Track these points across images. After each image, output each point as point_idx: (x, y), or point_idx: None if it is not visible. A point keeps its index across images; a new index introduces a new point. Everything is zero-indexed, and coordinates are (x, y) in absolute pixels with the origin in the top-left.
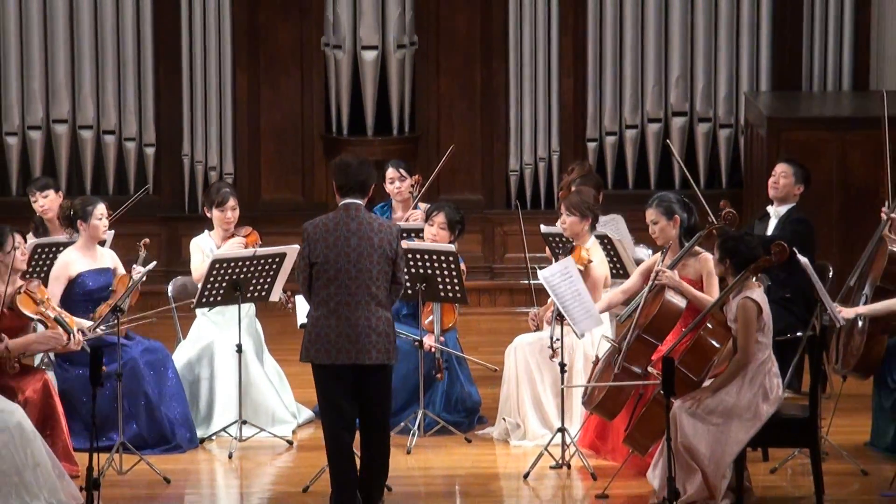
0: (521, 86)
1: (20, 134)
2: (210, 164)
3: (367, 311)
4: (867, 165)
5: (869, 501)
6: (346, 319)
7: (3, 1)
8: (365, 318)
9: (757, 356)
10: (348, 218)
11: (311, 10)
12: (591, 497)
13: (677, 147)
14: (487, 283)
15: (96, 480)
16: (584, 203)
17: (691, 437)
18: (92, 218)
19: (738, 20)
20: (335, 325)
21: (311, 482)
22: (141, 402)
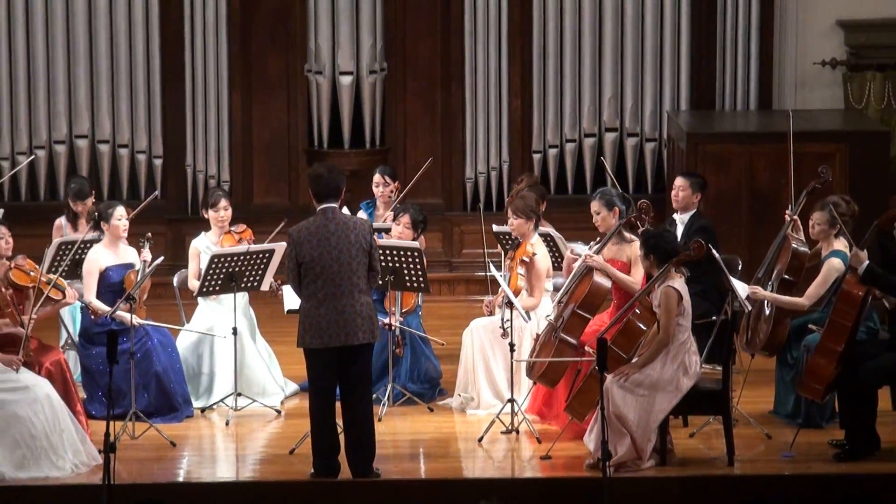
0: (475, 105)
1: (47, 147)
2: (209, 173)
3: (352, 298)
4: (770, 173)
5: (772, 461)
6: (333, 308)
7: (32, 32)
8: (350, 305)
9: (678, 337)
10: (327, 221)
11: (295, 41)
12: (537, 458)
13: (609, 158)
14: (447, 274)
15: (112, 444)
16: (528, 207)
17: (622, 407)
18: (112, 219)
19: (662, 49)
20: (325, 314)
21: (297, 445)
22: (151, 376)
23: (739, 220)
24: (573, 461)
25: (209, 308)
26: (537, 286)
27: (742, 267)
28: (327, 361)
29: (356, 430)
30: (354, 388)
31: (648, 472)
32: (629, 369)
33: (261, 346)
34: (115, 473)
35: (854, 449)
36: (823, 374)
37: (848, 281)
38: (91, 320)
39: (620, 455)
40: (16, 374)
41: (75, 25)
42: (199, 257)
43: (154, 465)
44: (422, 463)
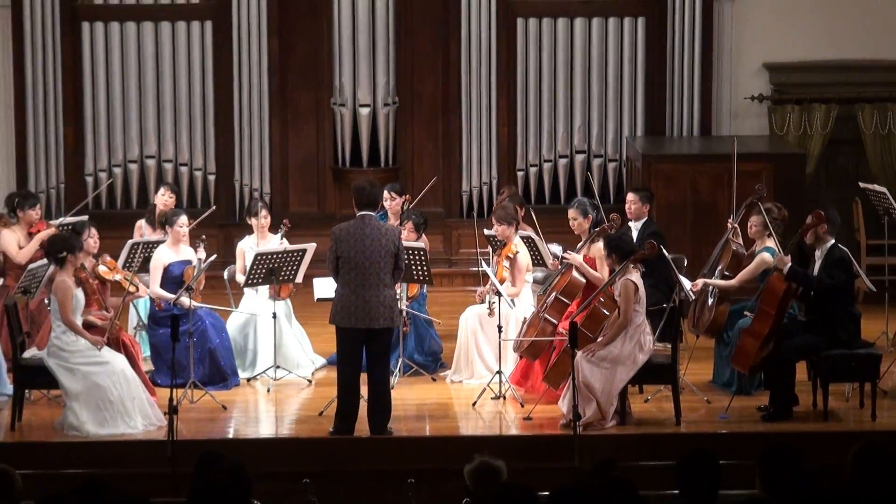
0: (470, 132)
1: (122, 166)
2: (253, 186)
3: (377, 290)
4: (710, 188)
5: (711, 421)
6: (361, 296)
7: (111, 73)
8: (375, 296)
9: (635, 320)
10: (364, 225)
11: (323, 79)
12: (520, 419)
13: (578, 175)
14: (447, 269)
15: (175, 407)
16: (509, 215)
17: (589, 377)
18: (175, 225)
19: (621, 87)
20: (354, 300)
21: (325, 409)
22: (206, 352)
23: (685, 226)
24: (549, 421)
25: (253, 296)
26: (519, 278)
27: (687, 264)
28: (353, 339)
29: (376, 396)
30: (376, 363)
31: (611, 431)
32: (595, 347)
33: (295, 328)
34: (177, 431)
35: (777, 412)
36: (750, 351)
37: (774, 277)
38: (156, 307)
39: (588, 416)
40: (98, 351)
41: (145, 68)
42: (244, 256)
43: (208, 424)
44: (426, 423)
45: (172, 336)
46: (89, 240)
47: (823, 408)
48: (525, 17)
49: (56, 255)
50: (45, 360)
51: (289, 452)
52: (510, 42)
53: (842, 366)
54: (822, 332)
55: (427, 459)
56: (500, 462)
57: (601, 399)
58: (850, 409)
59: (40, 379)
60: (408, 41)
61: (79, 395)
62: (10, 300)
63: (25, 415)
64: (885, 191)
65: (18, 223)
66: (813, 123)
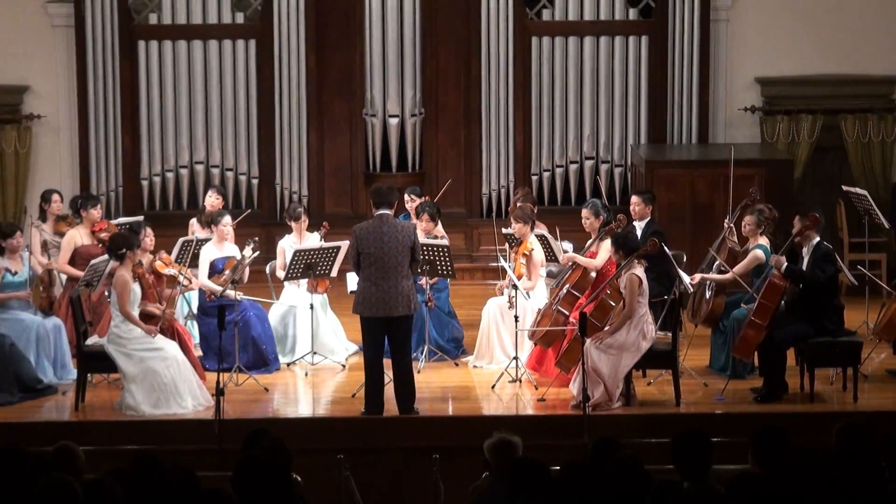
0: (489, 140)
1: (174, 171)
2: (293, 189)
3: (396, 282)
4: (707, 191)
5: (708, 402)
6: (381, 288)
7: (164, 86)
8: (394, 287)
9: (638, 311)
10: (382, 223)
11: (356, 92)
12: (535, 400)
13: (588, 179)
14: (469, 265)
15: (222, 389)
16: (526, 215)
17: (597, 363)
18: (220, 225)
19: (626, 99)
20: (374, 292)
21: (356, 391)
22: (249, 340)
23: (684, 225)
24: (561, 402)
25: (293, 290)
26: (534, 273)
27: (686, 260)
28: (375, 327)
29: (401, 379)
30: (398, 348)
31: (617, 411)
32: (603, 335)
33: (330, 318)
34: (224, 411)
35: (769, 394)
36: (753, 341)
37: (775, 275)
38: (206, 298)
39: (596, 398)
40: (153, 338)
41: (195, 82)
42: (284, 253)
43: (252, 405)
44: (449, 404)
45: (219, 325)
46: (146, 238)
47: (810, 390)
48: (539, 36)
49: (116, 251)
50: (105, 347)
51: (324, 430)
52: (525, 59)
53: (827, 352)
54: (810, 321)
55: (450, 437)
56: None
57: (608, 382)
58: (834, 391)
59: (101, 364)
60: (433, 57)
61: (135, 378)
62: (74, 292)
63: (88, 396)
64: (866, 193)
65: (82, 223)
66: (800, 132)
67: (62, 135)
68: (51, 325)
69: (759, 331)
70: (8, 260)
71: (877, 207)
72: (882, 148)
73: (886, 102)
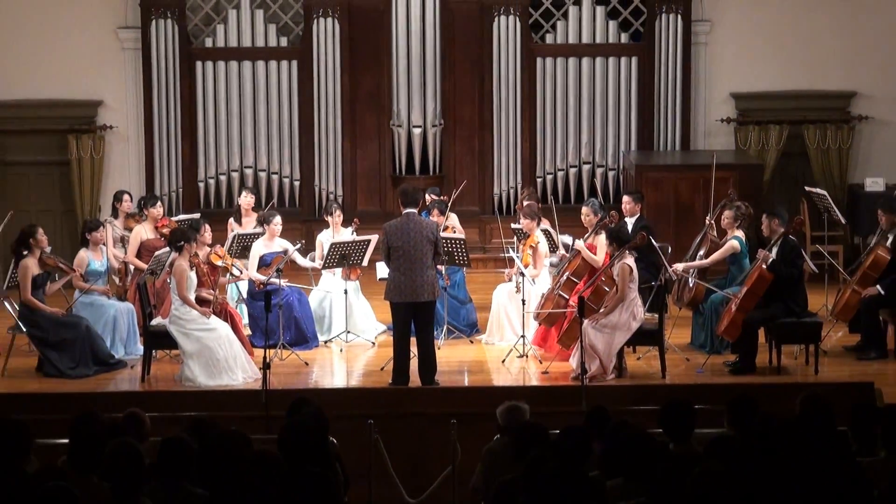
0: (500, 147)
1: (227, 174)
2: (329, 190)
3: (421, 272)
4: (689, 192)
5: (690, 374)
6: (408, 277)
7: (218, 102)
8: (420, 276)
9: (629, 295)
10: (408, 220)
11: (384, 106)
12: (539, 372)
13: (586, 182)
14: (482, 255)
15: (268, 364)
16: (533, 212)
17: (593, 340)
18: (271, 224)
19: (619, 111)
20: (402, 280)
21: (385, 365)
22: (292, 320)
23: (669, 221)
24: (562, 375)
25: (330, 277)
26: (539, 262)
27: (671, 251)
28: (403, 311)
29: (424, 355)
30: (422, 328)
31: (611, 382)
32: (598, 316)
33: (362, 301)
34: (269, 383)
35: (742, 367)
36: (739, 324)
37: (761, 268)
38: (254, 286)
39: (592, 371)
40: (208, 320)
41: (245, 97)
42: (322, 245)
43: (294, 377)
44: (465, 376)
45: (266, 307)
46: (205, 234)
47: (777, 364)
48: (543, 58)
49: (175, 244)
50: (167, 327)
51: (357, 399)
52: (531, 77)
53: (792, 331)
54: (779, 305)
55: (466, 405)
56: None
57: (603, 357)
58: (798, 365)
59: (164, 342)
60: (451, 76)
61: (193, 354)
62: (140, 280)
63: (152, 370)
64: (826, 193)
65: (147, 219)
66: (769, 141)
67: (130, 143)
68: (124, 309)
69: (745, 314)
70: (91, 251)
71: (834, 206)
72: (839, 154)
73: (843, 114)
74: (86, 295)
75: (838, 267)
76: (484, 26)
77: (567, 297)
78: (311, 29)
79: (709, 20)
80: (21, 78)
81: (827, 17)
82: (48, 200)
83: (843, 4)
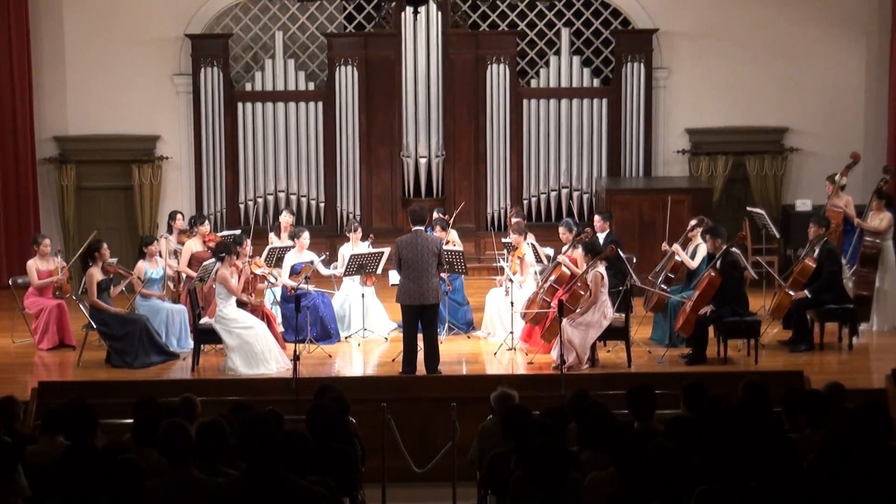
0: (492, 175)
1: (263, 196)
2: (350, 210)
3: (428, 279)
4: (650, 211)
5: (651, 364)
6: (417, 283)
7: (255, 135)
8: (426, 282)
9: (601, 298)
10: (417, 237)
11: (395, 139)
12: (526, 363)
13: (564, 203)
14: (477, 265)
15: (297, 356)
16: (521, 228)
17: (571, 335)
18: (300, 238)
19: (591, 143)
20: (412, 286)
21: (396, 357)
22: (318, 319)
23: (634, 235)
24: (545, 365)
25: (350, 283)
26: (525, 271)
27: (636, 261)
28: (412, 311)
29: (429, 349)
30: (428, 326)
31: (585, 371)
32: (575, 315)
33: (377, 303)
34: (299, 372)
35: (695, 358)
36: (692, 322)
37: (710, 275)
38: (287, 291)
39: (570, 362)
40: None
41: (278, 132)
42: (343, 257)
43: (320, 367)
44: (463, 366)
45: (296, 308)
46: (246, 248)
47: (724, 355)
48: (529, 99)
49: (219, 255)
50: (213, 325)
51: (372, 386)
52: (518, 115)
53: (736, 328)
54: (725, 306)
55: (464, 390)
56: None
57: (579, 350)
58: (741, 356)
59: (210, 337)
60: (451, 115)
61: (234, 348)
62: (191, 286)
63: (201, 361)
64: (764, 213)
65: (196, 235)
66: (717, 169)
67: (183, 171)
68: (177, 310)
69: (696, 314)
70: (147, 261)
71: (771, 223)
72: (775, 180)
73: (777, 147)
74: (145, 298)
75: (774, 274)
76: (479, 73)
77: (549, 300)
78: (334, 75)
79: (667, 67)
80: (94, 116)
81: (764, 66)
82: (115, 219)
83: (777, 56)
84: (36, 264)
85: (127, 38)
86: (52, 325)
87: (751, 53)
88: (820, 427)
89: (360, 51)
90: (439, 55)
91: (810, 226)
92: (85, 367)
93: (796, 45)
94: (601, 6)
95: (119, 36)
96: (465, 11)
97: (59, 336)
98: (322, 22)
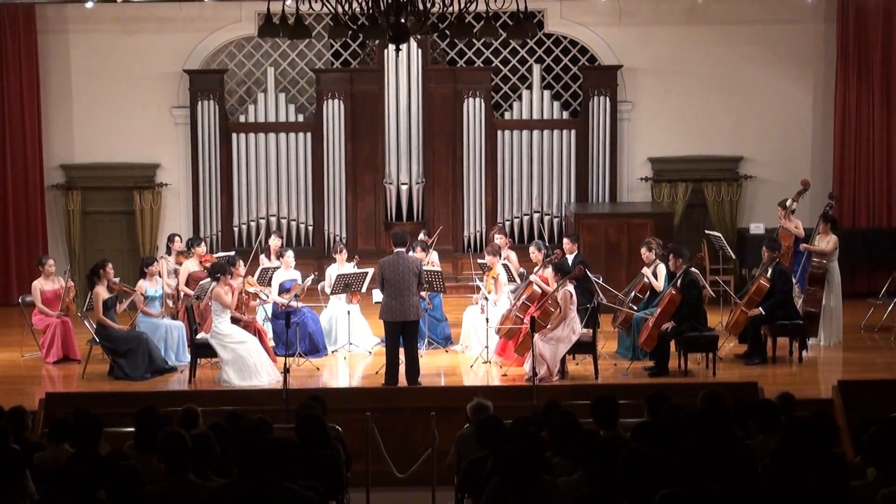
0: (469, 200)
1: (256, 220)
2: (336, 233)
3: (408, 298)
4: (616, 234)
5: (617, 376)
6: (398, 301)
7: (248, 163)
8: (407, 300)
9: (570, 315)
10: (398, 258)
11: (379, 167)
12: (500, 375)
13: (535, 227)
14: (455, 284)
15: (287, 368)
16: (495, 250)
17: (542, 350)
18: (286, 258)
19: (561, 170)
20: (394, 304)
21: (379, 370)
22: (306, 334)
23: (600, 257)
24: (518, 377)
25: (336, 301)
26: (500, 290)
27: (602, 279)
28: (394, 327)
29: (410, 362)
30: (409, 341)
31: (556, 383)
32: (546, 331)
33: (361, 319)
34: (289, 383)
35: (657, 371)
36: (655, 337)
37: (671, 293)
38: (277, 308)
39: (541, 374)
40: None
41: (270, 161)
42: (330, 276)
43: (308, 379)
44: (442, 378)
45: (286, 324)
46: (239, 268)
47: (685, 368)
48: (503, 130)
49: (214, 275)
50: (209, 340)
51: (357, 396)
52: (493, 144)
53: (696, 342)
54: (685, 322)
55: (443, 400)
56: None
57: (550, 363)
58: (700, 368)
59: (206, 351)
60: (431, 144)
61: (229, 361)
62: (188, 304)
63: (198, 374)
64: (721, 235)
65: (193, 256)
66: (678, 194)
67: (181, 196)
68: (175, 326)
69: (659, 329)
70: (147, 280)
71: (727, 245)
72: (731, 205)
73: (733, 174)
74: (145, 315)
75: (730, 292)
76: (456, 106)
77: (522, 317)
78: (322, 108)
79: (631, 101)
80: (98, 146)
81: (720, 100)
82: (118, 242)
83: (732, 90)
84: (41, 284)
85: (129, 73)
86: (56, 339)
87: (708, 88)
88: (772, 434)
89: (347, 85)
90: (419, 89)
91: (763, 249)
92: (89, 380)
93: (750, 81)
94: (570, 44)
95: (122, 71)
96: (443, 49)
97: (64, 350)
98: (311, 58)
